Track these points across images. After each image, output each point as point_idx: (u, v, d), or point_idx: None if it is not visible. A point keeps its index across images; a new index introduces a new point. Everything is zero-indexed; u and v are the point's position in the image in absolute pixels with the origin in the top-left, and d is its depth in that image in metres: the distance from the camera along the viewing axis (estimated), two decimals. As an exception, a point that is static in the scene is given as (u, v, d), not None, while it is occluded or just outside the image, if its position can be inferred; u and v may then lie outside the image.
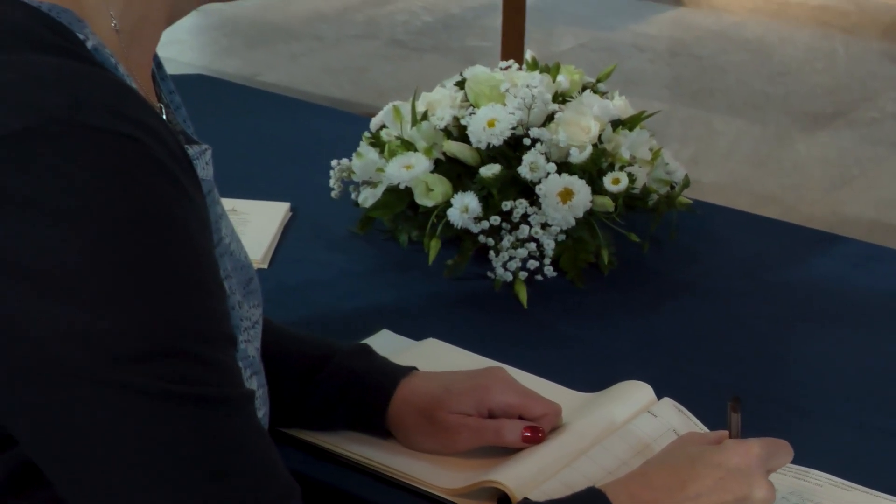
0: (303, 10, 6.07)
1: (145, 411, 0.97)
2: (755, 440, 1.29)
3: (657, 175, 1.94)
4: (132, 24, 1.16)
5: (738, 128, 4.97)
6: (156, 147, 1.00)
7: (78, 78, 1.01)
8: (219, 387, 1.01)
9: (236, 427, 1.03)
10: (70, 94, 0.98)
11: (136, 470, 0.98)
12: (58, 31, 1.06)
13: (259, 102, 2.62)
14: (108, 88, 1.01)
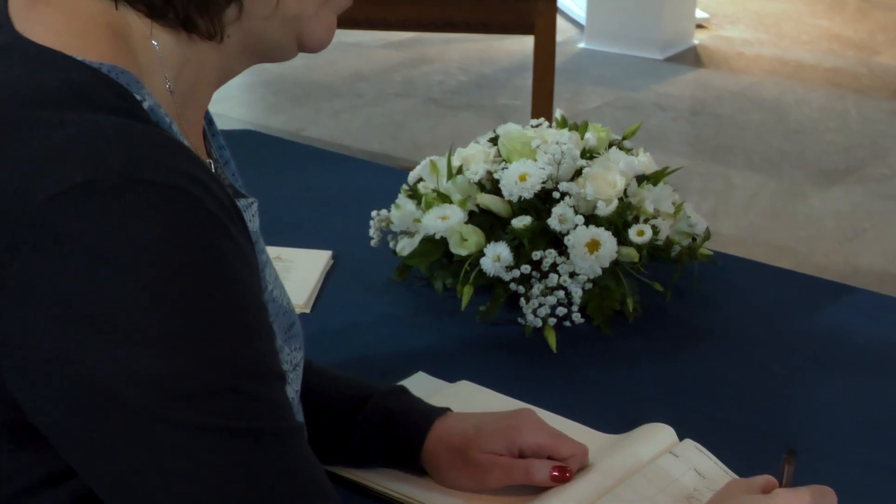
0: (345, 70, 6.09)
1: (201, 446, 0.97)
2: (806, 489, 1.27)
3: (680, 227, 1.93)
4: (185, 86, 1.16)
5: (756, 183, 4.96)
6: (207, 199, 1.00)
7: (135, 135, 1.01)
8: (271, 421, 1.01)
9: (289, 458, 1.03)
10: (128, 150, 0.99)
11: (192, 501, 0.98)
12: (117, 92, 1.06)
13: (303, 156, 2.63)
14: (163, 145, 1.02)
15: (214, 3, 1.12)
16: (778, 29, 6.95)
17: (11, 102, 1.03)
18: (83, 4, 1.11)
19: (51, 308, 0.96)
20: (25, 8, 1.12)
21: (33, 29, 1.10)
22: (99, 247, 0.95)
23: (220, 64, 1.19)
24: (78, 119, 1.01)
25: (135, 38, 1.12)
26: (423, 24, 4.55)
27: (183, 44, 1.14)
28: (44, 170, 0.97)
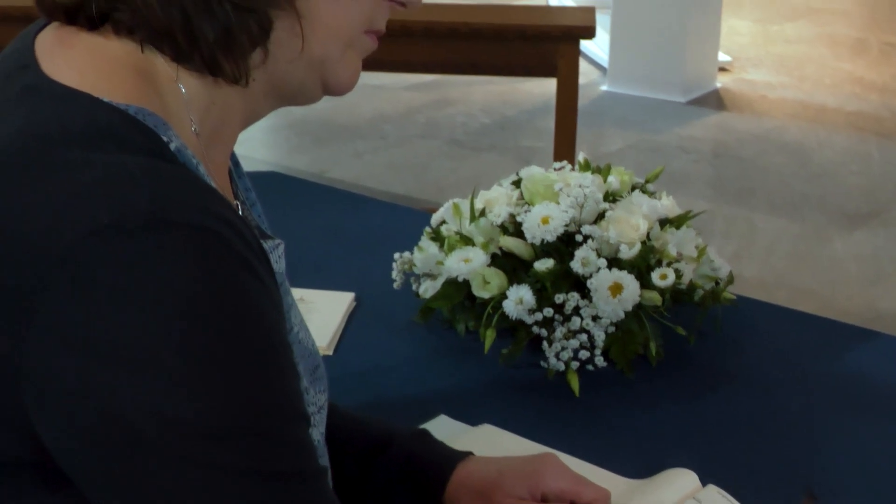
0: (368, 112, 6.11)
1: (225, 487, 0.97)
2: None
3: (703, 271, 1.93)
4: (211, 128, 1.17)
5: (778, 226, 4.95)
6: (234, 240, 1.01)
7: (162, 177, 1.02)
8: (295, 463, 1.01)
9: (313, 500, 1.03)
10: (154, 191, 0.99)
11: None
12: (144, 133, 1.07)
13: (327, 198, 2.63)
14: (190, 186, 1.02)
15: (239, 46, 1.12)
16: (801, 72, 6.95)
17: (38, 143, 1.04)
18: (110, 46, 1.12)
19: (77, 347, 0.96)
20: (52, 49, 1.13)
21: (60, 70, 1.10)
22: (126, 286, 0.96)
23: (246, 107, 1.19)
24: (105, 160, 1.01)
25: (161, 80, 1.12)
26: (446, 67, 4.57)
27: (209, 87, 1.15)
28: (71, 210, 0.98)
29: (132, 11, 1.10)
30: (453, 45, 4.25)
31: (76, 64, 1.11)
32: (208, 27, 1.10)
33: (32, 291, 0.97)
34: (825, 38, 7.63)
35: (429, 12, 4.26)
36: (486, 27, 4.24)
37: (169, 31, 1.10)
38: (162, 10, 1.09)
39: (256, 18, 1.12)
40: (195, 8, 1.09)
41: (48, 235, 0.97)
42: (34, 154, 1.03)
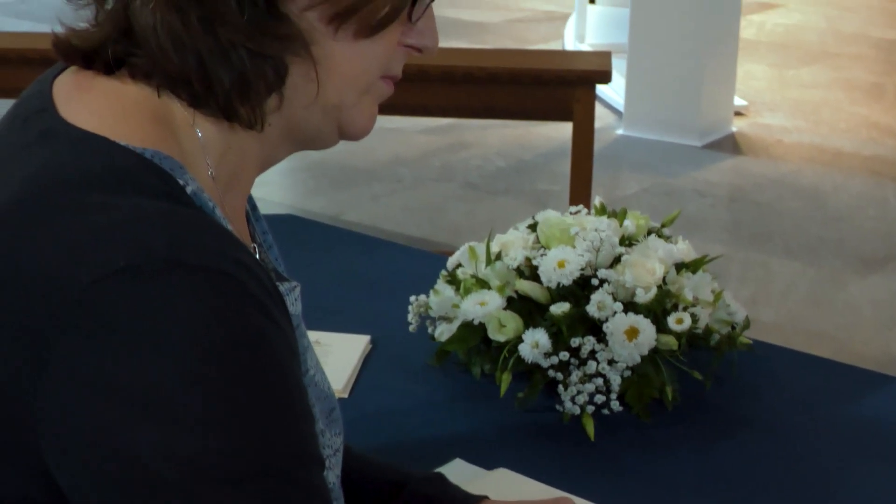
0: (384, 155, 6.13)
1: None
2: None
3: (719, 316, 1.93)
4: (228, 172, 1.17)
5: (795, 270, 4.95)
6: (250, 283, 1.01)
7: (178, 220, 1.02)
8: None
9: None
10: (171, 235, 1.00)
11: None
12: (160, 176, 1.07)
13: (343, 240, 2.64)
14: (206, 229, 1.03)
15: (255, 92, 1.13)
16: (817, 116, 6.95)
17: (56, 186, 1.04)
18: (127, 91, 1.13)
19: (93, 389, 0.96)
20: (70, 93, 1.14)
21: (77, 114, 1.11)
22: (142, 330, 0.96)
23: (262, 151, 1.20)
24: (122, 203, 1.02)
25: (178, 124, 1.13)
26: (462, 111, 4.58)
27: (225, 132, 1.15)
28: (88, 253, 0.98)
29: (148, 57, 1.11)
30: (469, 89, 4.26)
31: (94, 108, 1.11)
32: (224, 73, 1.11)
33: (49, 333, 0.97)
34: (841, 82, 7.64)
35: (445, 56, 4.27)
36: (502, 71, 4.26)
37: (184, 76, 1.11)
38: (177, 56, 1.10)
39: (272, 64, 1.12)
40: (210, 54, 1.10)
41: (66, 278, 0.98)
42: (52, 197, 1.03)
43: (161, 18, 1.09)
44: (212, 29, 1.09)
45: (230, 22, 1.09)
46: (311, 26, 1.13)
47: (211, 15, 1.09)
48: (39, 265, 1.00)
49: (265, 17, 1.10)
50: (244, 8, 1.09)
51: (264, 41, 1.11)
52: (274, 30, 1.11)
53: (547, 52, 6.57)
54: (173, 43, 1.09)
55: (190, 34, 1.09)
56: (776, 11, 9.28)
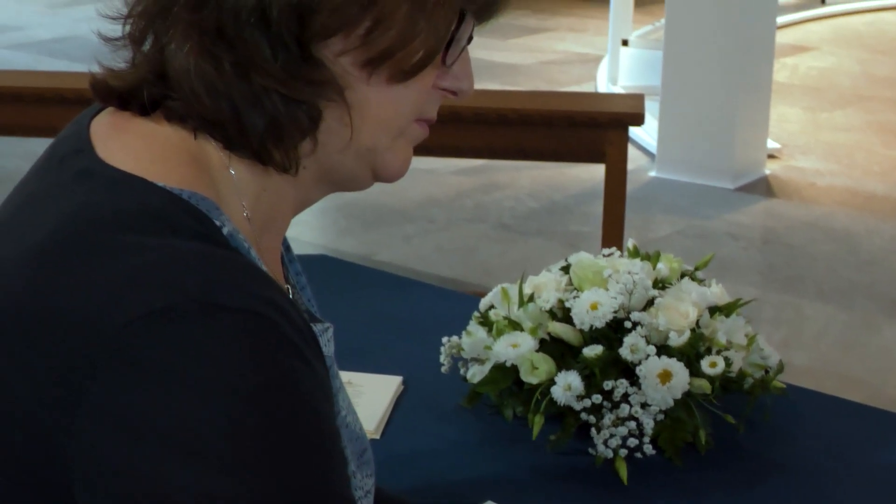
0: (417, 195, 6.14)
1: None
2: None
3: (752, 360, 1.92)
4: (263, 214, 1.18)
5: (827, 313, 4.92)
6: (285, 324, 1.01)
7: (214, 261, 1.02)
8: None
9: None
10: (207, 276, 1.00)
11: None
12: (197, 217, 1.07)
13: (375, 281, 2.64)
14: (241, 271, 1.03)
15: (289, 136, 1.13)
16: (850, 160, 6.93)
17: (93, 227, 1.05)
18: (163, 132, 1.13)
19: (127, 429, 0.96)
20: (107, 133, 1.14)
21: (114, 154, 1.11)
22: (177, 371, 0.96)
23: (297, 194, 1.20)
24: (158, 244, 1.02)
25: (213, 165, 1.13)
26: (495, 152, 4.59)
27: (259, 174, 1.16)
28: (124, 294, 0.99)
29: (183, 100, 1.11)
30: (502, 131, 4.26)
31: (130, 148, 1.12)
32: (257, 118, 1.11)
33: (83, 372, 0.97)
34: (874, 125, 7.62)
35: (478, 98, 4.28)
36: (534, 114, 4.26)
37: (219, 121, 1.11)
38: (211, 101, 1.10)
39: (306, 109, 1.12)
40: (244, 100, 1.10)
41: (102, 317, 0.98)
42: (88, 237, 1.04)
43: (195, 64, 1.09)
44: (245, 75, 1.10)
45: (263, 68, 1.09)
46: (344, 71, 1.13)
47: (244, 61, 1.09)
48: (76, 304, 1.00)
49: (299, 62, 1.11)
50: (278, 54, 1.10)
51: (298, 87, 1.11)
52: (307, 75, 1.11)
53: (580, 95, 6.57)
54: (207, 88, 1.10)
55: (223, 80, 1.09)
56: (809, 55, 9.26)
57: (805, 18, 10.19)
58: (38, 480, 1.01)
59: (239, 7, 1.09)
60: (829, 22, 10.30)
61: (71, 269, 1.02)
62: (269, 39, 1.09)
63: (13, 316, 1.02)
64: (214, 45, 1.09)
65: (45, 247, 1.05)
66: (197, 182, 1.11)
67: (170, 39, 1.11)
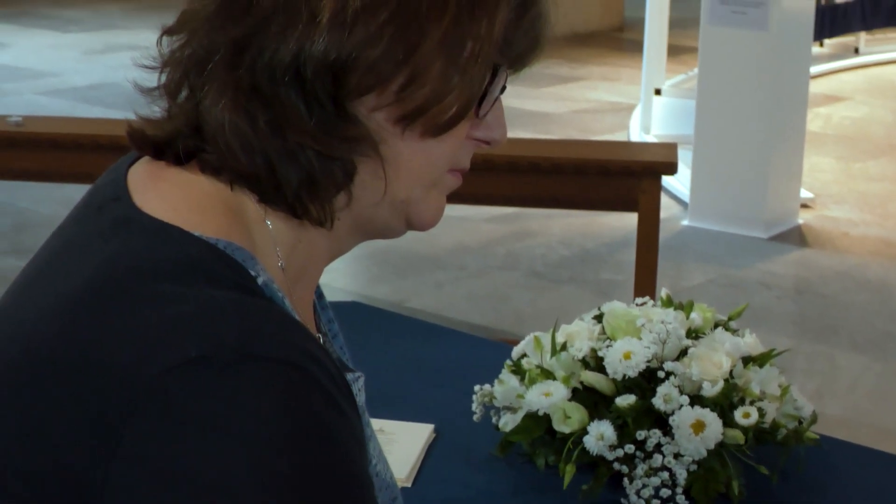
0: (449, 242, 6.14)
1: None
2: None
3: (786, 410, 1.91)
4: (297, 265, 1.18)
5: (861, 364, 4.89)
6: (319, 374, 1.01)
7: (250, 312, 1.03)
8: None
9: None
10: (242, 326, 1.00)
11: None
12: (232, 267, 1.08)
13: (406, 328, 2.64)
14: (277, 321, 1.03)
15: (324, 191, 1.13)
16: (883, 209, 6.91)
17: (130, 275, 1.05)
18: (200, 182, 1.14)
19: (162, 477, 0.97)
20: (144, 183, 1.15)
21: (151, 203, 1.12)
22: (212, 420, 0.96)
23: (331, 245, 1.20)
24: (194, 293, 1.03)
25: (249, 216, 1.14)
26: (527, 200, 4.60)
27: (294, 227, 1.16)
28: (160, 342, 0.99)
29: (217, 154, 1.12)
30: (535, 180, 4.27)
31: (168, 197, 1.13)
32: (292, 174, 1.11)
33: (120, 419, 0.98)
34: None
35: (511, 147, 4.29)
36: (567, 162, 4.27)
37: (254, 175, 1.12)
38: (245, 157, 1.11)
39: (340, 165, 1.13)
40: (278, 156, 1.11)
41: (137, 365, 0.98)
42: (125, 286, 1.04)
43: (230, 120, 1.10)
44: (280, 132, 1.10)
45: (298, 125, 1.10)
46: (378, 126, 1.13)
47: (279, 118, 1.10)
48: (112, 352, 1.00)
49: (333, 119, 1.11)
50: (312, 111, 1.10)
51: (332, 143, 1.11)
52: (342, 132, 1.11)
53: (612, 143, 6.57)
54: (241, 144, 1.10)
55: (258, 136, 1.10)
56: (843, 104, 9.25)
57: (839, 68, 10.17)
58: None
59: (274, 65, 1.09)
60: (863, 72, 10.29)
61: (107, 317, 1.03)
62: (304, 97, 1.10)
63: (50, 363, 1.03)
64: (249, 102, 1.10)
65: (81, 294, 1.05)
66: (233, 232, 1.11)
67: (205, 94, 1.11)
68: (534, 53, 1.20)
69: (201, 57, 1.12)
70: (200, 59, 1.12)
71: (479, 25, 1.13)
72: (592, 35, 11.08)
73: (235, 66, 1.10)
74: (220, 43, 1.11)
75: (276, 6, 1.10)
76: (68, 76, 9.59)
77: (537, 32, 1.19)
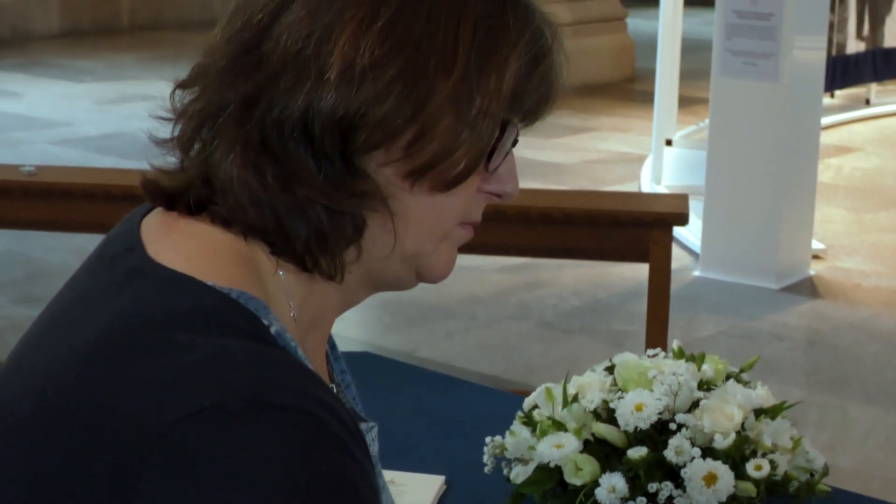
0: (460, 292, 6.14)
1: None
2: None
3: (798, 463, 1.90)
4: (309, 316, 1.19)
5: (873, 416, 4.88)
6: (333, 423, 1.02)
7: (263, 360, 1.03)
8: None
9: None
10: (256, 374, 1.01)
11: None
12: (246, 317, 1.08)
13: (417, 379, 2.64)
14: (290, 370, 1.04)
15: (334, 245, 1.14)
16: (895, 261, 6.90)
17: (143, 325, 1.06)
18: (213, 233, 1.14)
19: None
20: (158, 233, 1.16)
21: (165, 254, 1.13)
22: (226, 468, 0.97)
23: (343, 297, 1.21)
24: (208, 343, 1.03)
25: (262, 267, 1.15)
26: (539, 251, 4.60)
27: (306, 279, 1.17)
28: (174, 391, 0.99)
29: (228, 207, 1.13)
30: (546, 230, 4.28)
31: (181, 248, 1.13)
32: (301, 228, 1.12)
33: (133, 468, 0.98)
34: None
35: (522, 198, 4.28)
36: (578, 213, 4.27)
37: (263, 229, 1.13)
38: (254, 211, 1.12)
39: (349, 219, 1.13)
40: (287, 211, 1.11)
41: (150, 414, 0.99)
42: (139, 335, 1.05)
43: (238, 174, 1.11)
44: (288, 187, 1.11)
45: (307, 181, 1.11)
46: (387, 181, 1.14)
47: (288, 173, 1.11)
48: (126, 401, 1.01)
49: (342, 175, 1.12)
50: (321, 167, 1.11)
51: (342, 198, 1.12)
52: (350, 187, 1.12)
53: (624, 194, 6.58)
54: (250, 198, 1.11)
55: (266, 191, 1.11)
56: (854, 155, 9.26)
57: (849, 119, 10.19)
58: None
59: (283, 121, 1.10)
60: (874, 123, 10.30)
61: (121, 368, 1.03)
62: (313, 153, 1.11)
63: (65, 414, 1.03)
64: (258, 158, 1.11)
65: (96, 344, 1.06)
66: (245, 282, 1.12)
67: (215, 148, 1.12)
68: (545, 107, 1.20)
69: (212, 111, 1.13)
70: (211, 113, 1.13)
71: (488, 81, 1.14)
72: (603, 86, 11.10)
73: (245, 122, 1.11)
74: (230, 98, 1.12)
75: (286, 63, 1.11)
76: (81, 126, 9.63)
77: (548, 86, 1.20)
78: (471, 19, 1.14)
